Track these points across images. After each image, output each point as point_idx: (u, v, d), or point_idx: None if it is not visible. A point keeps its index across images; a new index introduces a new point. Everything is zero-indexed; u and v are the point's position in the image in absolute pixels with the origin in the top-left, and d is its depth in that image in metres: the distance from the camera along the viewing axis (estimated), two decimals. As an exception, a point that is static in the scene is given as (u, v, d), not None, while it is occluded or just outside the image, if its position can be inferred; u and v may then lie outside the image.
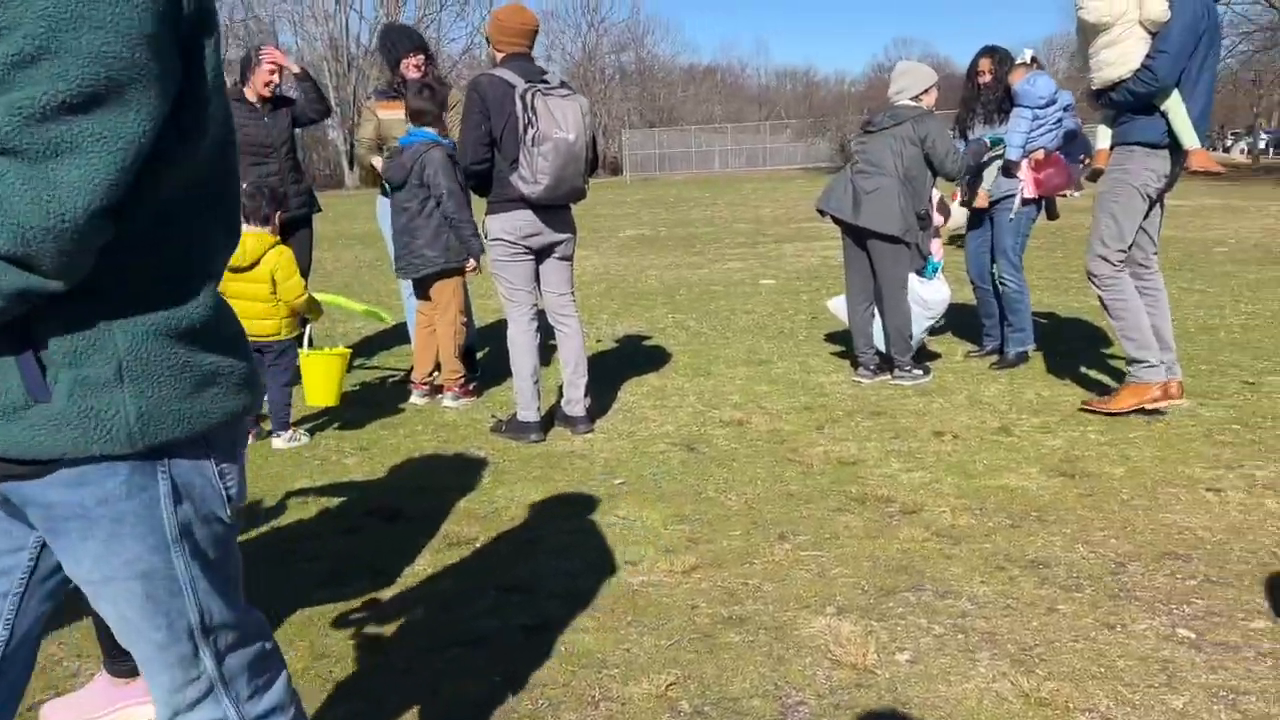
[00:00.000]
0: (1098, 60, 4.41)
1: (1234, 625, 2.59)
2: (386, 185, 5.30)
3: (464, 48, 68.56)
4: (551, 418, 4.71)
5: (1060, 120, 5.43)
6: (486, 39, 4.52)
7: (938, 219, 5.65)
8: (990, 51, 5.65)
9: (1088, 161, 5.22)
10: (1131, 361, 4.59)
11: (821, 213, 5.41)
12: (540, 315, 4.56)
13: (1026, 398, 4.96)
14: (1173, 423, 4.40)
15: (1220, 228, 13.42)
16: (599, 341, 6.77)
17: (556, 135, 4.06)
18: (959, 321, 6.71)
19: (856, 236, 5.30)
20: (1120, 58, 4.32)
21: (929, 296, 5.39)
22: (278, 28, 58.49)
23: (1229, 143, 49.64)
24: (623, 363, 6.07)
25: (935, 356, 5.92)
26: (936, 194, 5.55)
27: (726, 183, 37.26)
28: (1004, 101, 5.56)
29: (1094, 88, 4.53)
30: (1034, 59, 5.60)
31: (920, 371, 5.37)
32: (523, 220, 4.29)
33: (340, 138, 55.98)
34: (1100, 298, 4.62)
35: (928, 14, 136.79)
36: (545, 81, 4.25)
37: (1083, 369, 5.47)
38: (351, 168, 55.74)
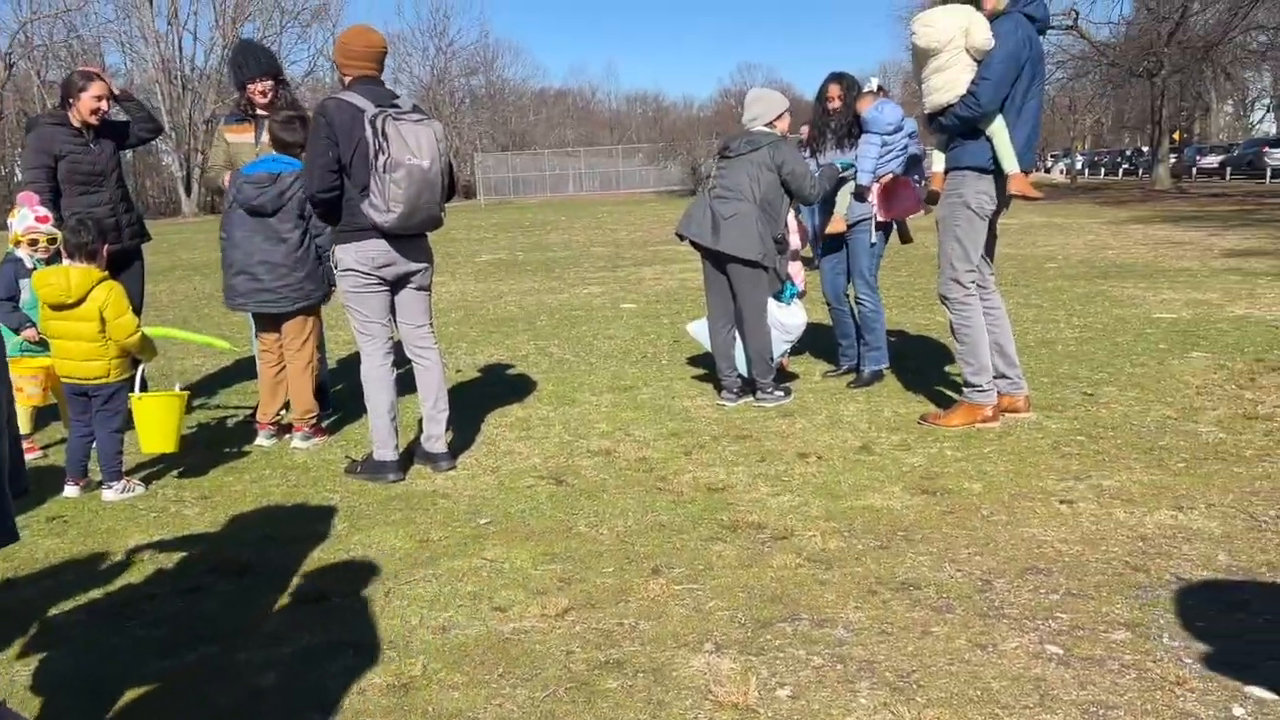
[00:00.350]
0: (928, 85, 4.57)
1: (1097, 638, 2.66)
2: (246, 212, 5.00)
3: (306, 70, 67.06)
4: (411, 455, 4.51)
5: (906, 146, 5.61)
6: (333, 63, 4.33)
7: (794, 242, 5.73)
8: (838, 78, 5.78)
9: (924, 184, 5.42)
10: (968, 384, 4.74)
11: (681, 237, 5.41)
12: (397, 348, 4.37)
13: (885, 416, 5.06)
14: (1022, 436, 4.56)
15: (1048, 244, 14.22)
16: (459, 372, 6.58)
17: (410, 162, 3.91)
18: (815, 342, 6.82)
19: (716, 261, 5.31)
20: (948, 84, 4.48)
21: (786, 321, 5.44)
22: (104, 49, 55.67)
23: (1049, 164, 52.99)
24: (485, 394, 5.90)
25: (794, 377, 6.00)
26: (793, 219, 5.64)
27: (582, 206, 37.40)
28: (853, 127, 5.70)
29: (926, 112, 4.68)
30: (880, 87, 5.77)
31: (781, 393, 5.42)
32: (376, 250, 4.10)
33: (176, 163, 53.56)
34: (950, 321, 4.76)
35: (769, 41, 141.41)
36: (396, 106, 4.09)
37: (934, 385, 5.63)
38: (189, 194, 53.52)
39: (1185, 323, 7.29)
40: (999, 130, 4.47)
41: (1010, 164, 4.50)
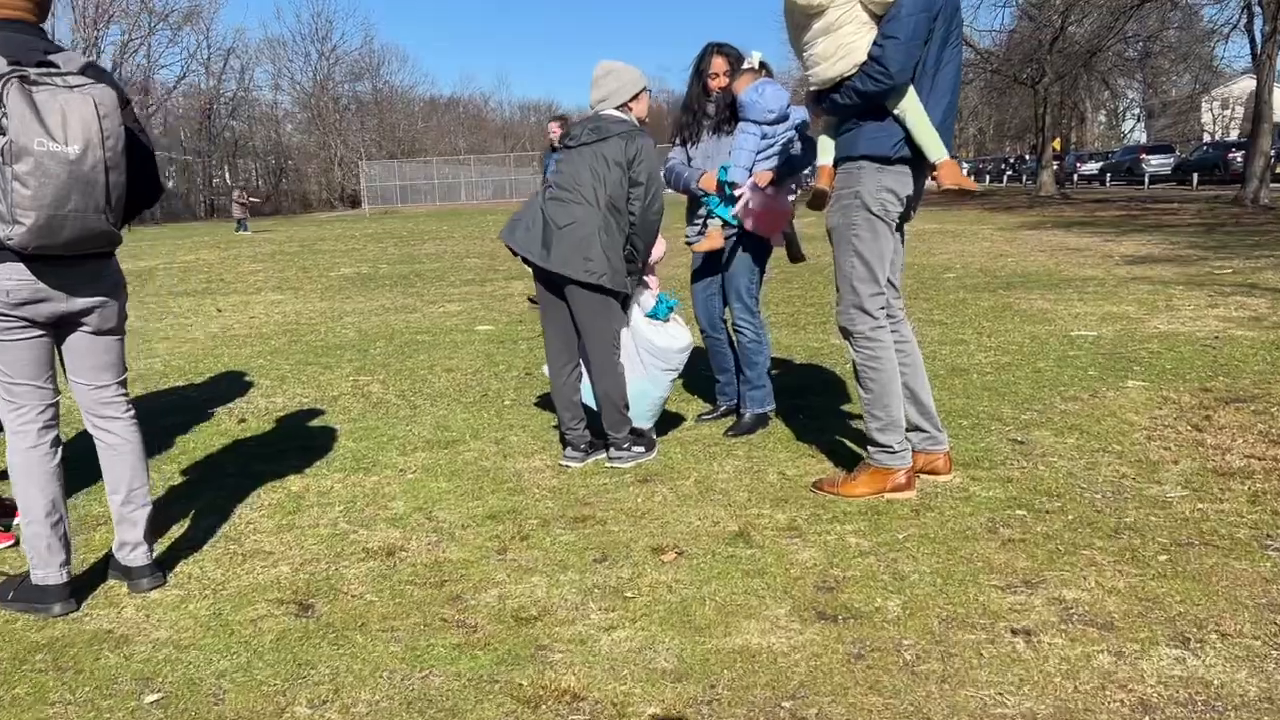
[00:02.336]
0: (812, 54, 3.46)
1: None
2: None
3: (180, 75, 63.68)
4: (105, 569, 3.17)
5: (791, 141, 4.49)
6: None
7: (657, 253, 4.55)
8: (721, 49, 4.61)
9: (800, 191, 4.27)
10: (874, 443, 3.65)
11: (513, 251, 4.19)
12: (95, 416, 3.04)
13: (769, 479, 3.92)
14: (947, 511, 3.46)
15: (944, 252, 13.46)
16: (242, 423, 5.21)
17: (42, 148, 2.57)
18: (690, 376, 5.68)
19: (551, 282, 4.11)
20: (841, 49, 3.37)
21: (664, 344, 4.25)
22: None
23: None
24: (258, 455, 4.56)
25: (661, 421, 4.83)
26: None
27: (470, 215, 35.87)
28: (731, 111, 4.55)
29: (811, 88, 3.58)
30: (763, 64, 4.62)
31: (641, 448, 4.24)
32: (11, 280, 2.75)
33: None
34: (853, 361, 3.65)
35: (662, 50, 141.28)
36: (49, 65, 2.75)
37: (832, 433, 4.52)
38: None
39: (1109, 342, 6.39)
40: (912, 105, 3.39)
41: (937, 149, 3.42)
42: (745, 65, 4.55)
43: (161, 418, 5.31)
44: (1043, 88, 33.57)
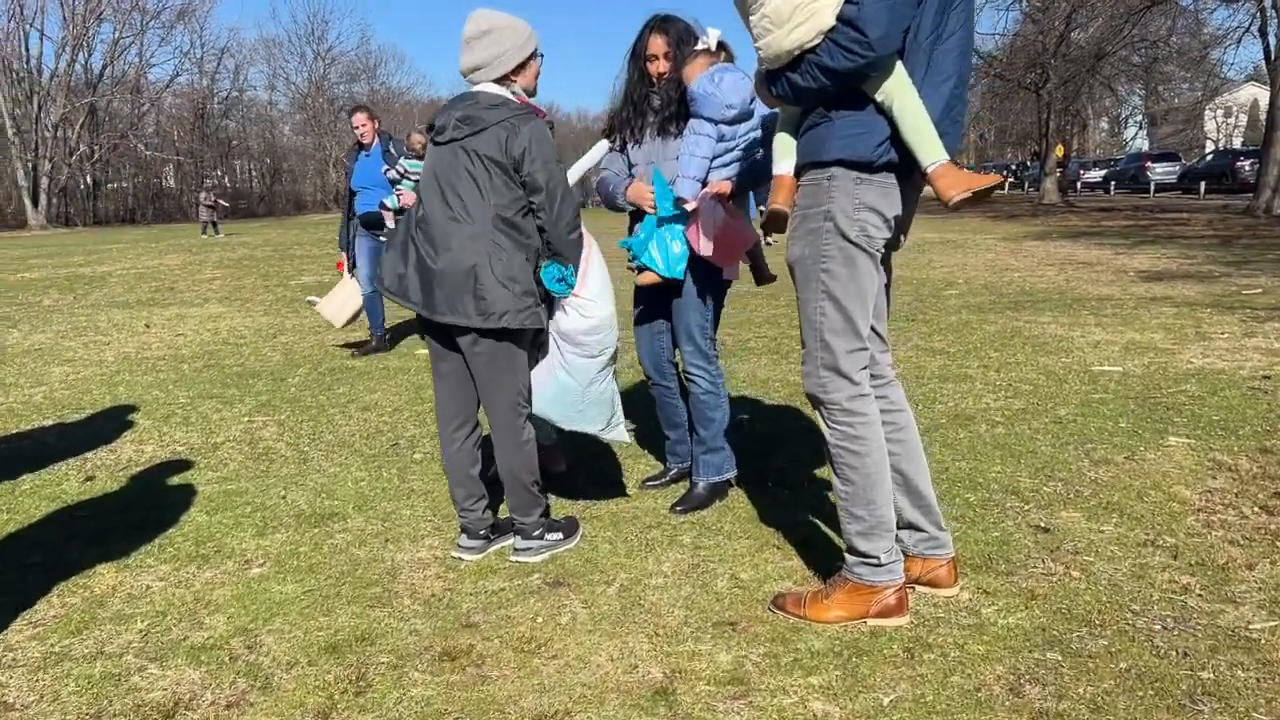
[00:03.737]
0: (762, 17, 2.52)
1: None
2: None
3: (172, 74, 62.75)
4: None
5: (755, 145, 3.55)
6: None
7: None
8: (664, 25, 3.65)
9: (762, 209, 3.29)
10: (854, 550, 2.71)
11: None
12: None
13: (716, 587, 2.97)
14: (950, 651, 2.52)
15: (944, 265, 12.54)
16: (89, 480, 4.24)
17: None
18: (638, 424, 4.73)
19: (438, 327, 3.15)
20: (798, 9, 2.43)
21: (569, 327, 3.21)
22: (-63, 44, 50.82)
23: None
24: (81, 531, 3.60)
25: (597, 483, 3.88)
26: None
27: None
28: (683, 104, 3.60)
29: (764, 68, 2.64)
30: (722, 45, 3.66)
31: (558, 534, 3.29)
32: None
33: (21, 171, 48.90)
34: (827, 441, 2.71)
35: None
36: None
37: (807, 512, 3.58)
38: (35, 204, 48.82)
39: (1138, 381, 5.44)
40: (900, 89, 2.46)
41: (932, 148, 2.49)
42: (699, 46, 3.60)
43: (-4, 472, 4.37)
44: (1046, 93, 32.68)
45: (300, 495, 3.99)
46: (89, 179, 54.97)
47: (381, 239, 7.06)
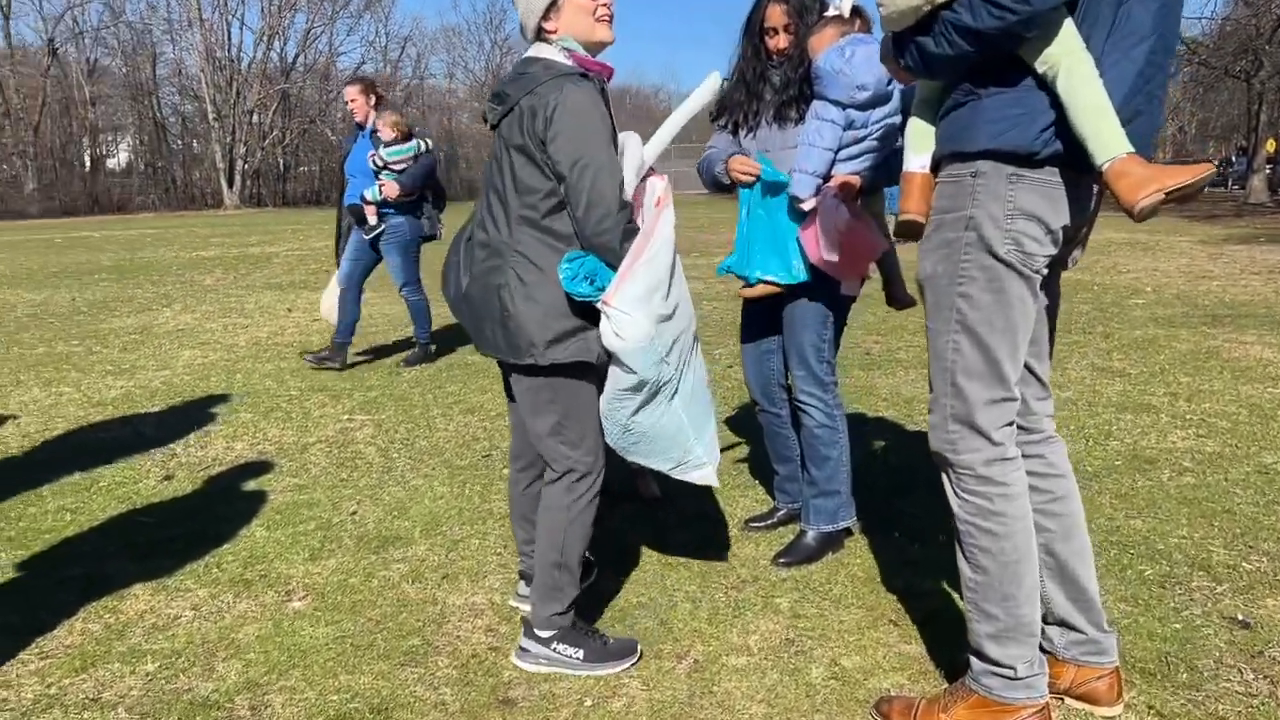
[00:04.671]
0: None
1: None
2: None
3: (358, 62, 65.56)
4: None
5: (892, 134, 2.94)
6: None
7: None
8: None
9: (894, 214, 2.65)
10: (980, 654, 2.11)
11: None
12: None
13: (810, 678, 2.41)
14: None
15: (1132, 270, 11.32)
16: (167, 479, 4.04)
17: None
18: (746, 455, 4.19)
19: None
20: None
21: (607, 343, 2.36)
22: (152, 35, 54.68)
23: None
24: (136, 542, 3.36)
25: (694, 519, 3.37)
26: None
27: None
28: (806, 85, 3.04)
29: (888, 30, 2.05)
30: (858, 12, 3.07)
31: (574, 652, 2.49)
32: None
33: (219, 154, 52.16)
34: (955, 515, 2.12)
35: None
36: None
37: (941, 576, 2.96)
38: (231, 186, 51.96)
39: (1370, 425, 4.50)
40: (1070, 59, 1.84)
41: (1107, 139, 1.85)
42: (830, 12, 3.02)
43: (83, 462, 4.24)
44: (1258, 82, 29.76)
45: (370, 512, 3.66)
46: (280, 162, 58.06)
47: (365, 237, 6.28)
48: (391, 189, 6.05)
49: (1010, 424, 2.06)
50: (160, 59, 55.61)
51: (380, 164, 6.10)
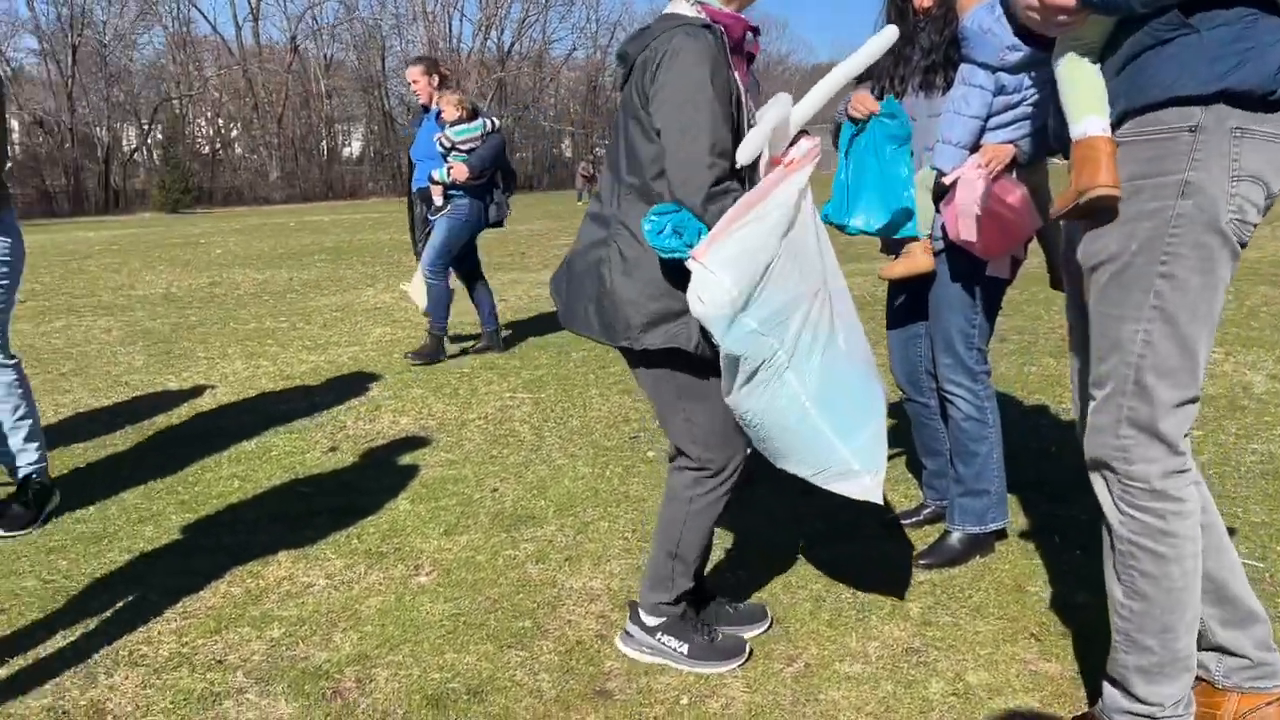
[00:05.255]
0: None
1: None
2: None
3: (569, 49, 67.28)
4: None
5: (1041, 97, 2.64)
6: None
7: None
8: None
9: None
10: (1121, 688, 1.87)
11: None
12: None
13: (926, 693, 2.21)
14: None
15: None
16: (332, 451, 4.24)
17: None
18: (895, 434, 3.93)
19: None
20: None
21: (700, 310, 2.06)
22: (381, 29, 58.12)
23: None
24: (293, 510, 3.53)
25: (832, 512, 3.19)
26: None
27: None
28: (951, 48, 2.79)
29: None
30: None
31: (679, 645, 2.38)
32: None
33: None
34: (1112, 531, 1.88)
35: None
36: None
37: (1099, 589, 2.67)
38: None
39: None
40: None
41: None
42: (982, -35, 2.74)
43: (262, 432, 4.51)
44: None
45: (511, 490, 3.69)
46: (495, 148, 60.45)
47: (432, 218, 6.05)
48: (460, 171, 5.80)
49: (1188, 435, 1.80)
50: (388, 51, 59.03)
51: (448, 145, 5.85)
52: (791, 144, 2.20)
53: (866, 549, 3.01)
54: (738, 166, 2.11)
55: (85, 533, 3.35)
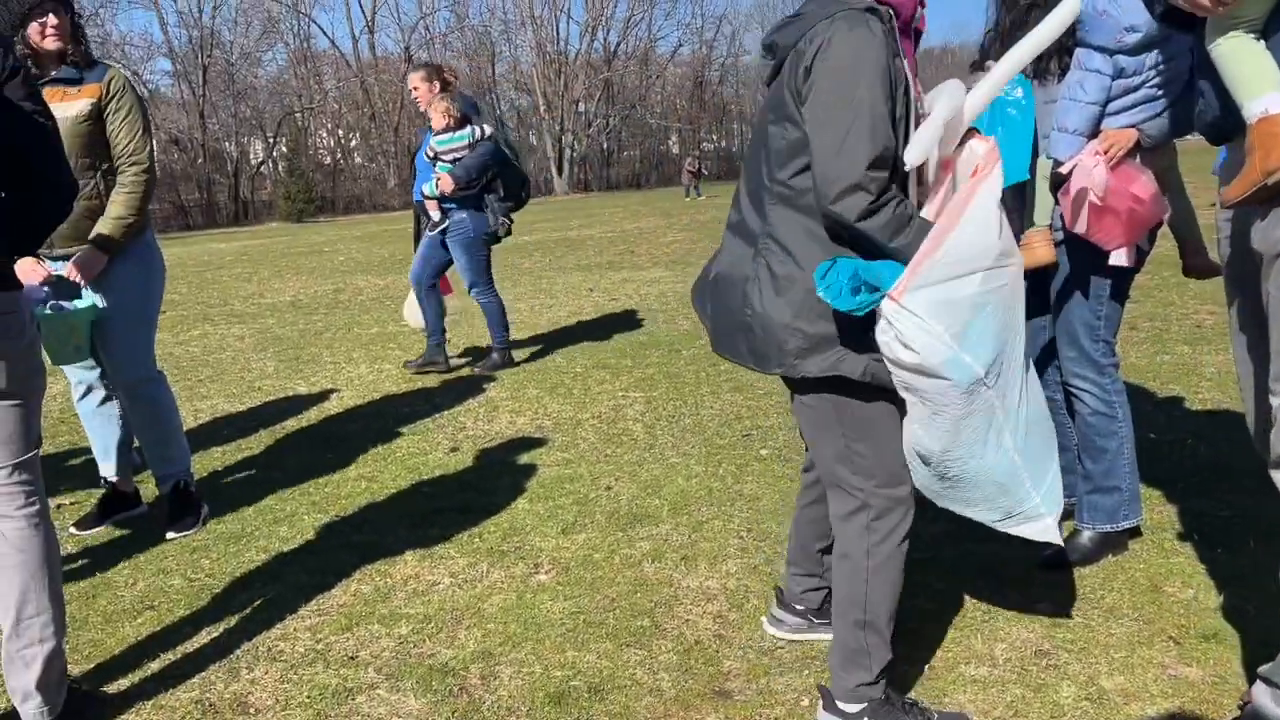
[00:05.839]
0: None
1: None
2: None
3: (675, 46, 67.25)
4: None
5: (1173, 81, 2.51)
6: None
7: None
8: None
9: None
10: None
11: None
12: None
13: (1057, 698, 2.14)
14: None
15: None
16: (453, 451, 4.35)
17: None
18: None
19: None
20: None
21: (890, 355, 1.88)
22: (491, 34, 59.21)
23: None
24: (418, 508, 3.64)
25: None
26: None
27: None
28: (1067, 34, 2.68)
29: None
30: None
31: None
32: None
33: (550, 143, 55.83)
34: None
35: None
36: None
37: (1246, 590, 2.54)
38: (560, 174, 55.45)
39: None
40: None
41: None
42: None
43: (387, 434, 4.67)
44: None
45: (625, 489, 3.72)
46: (604, 148, 61.00)
47: (429, 234, 5.84)
48: (446, 182, 5.54)
49: None
50: (498, 58, 60.12)
51: (431, 155, 5.66)
52: (961, 143, 1.99)
53: (991, 549, 2.92)
54: (905, 168, 1.91)
55: (225, 533, 3.52)
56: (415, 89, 5.80)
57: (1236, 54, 1.74)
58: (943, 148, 1.93)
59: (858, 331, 1.89)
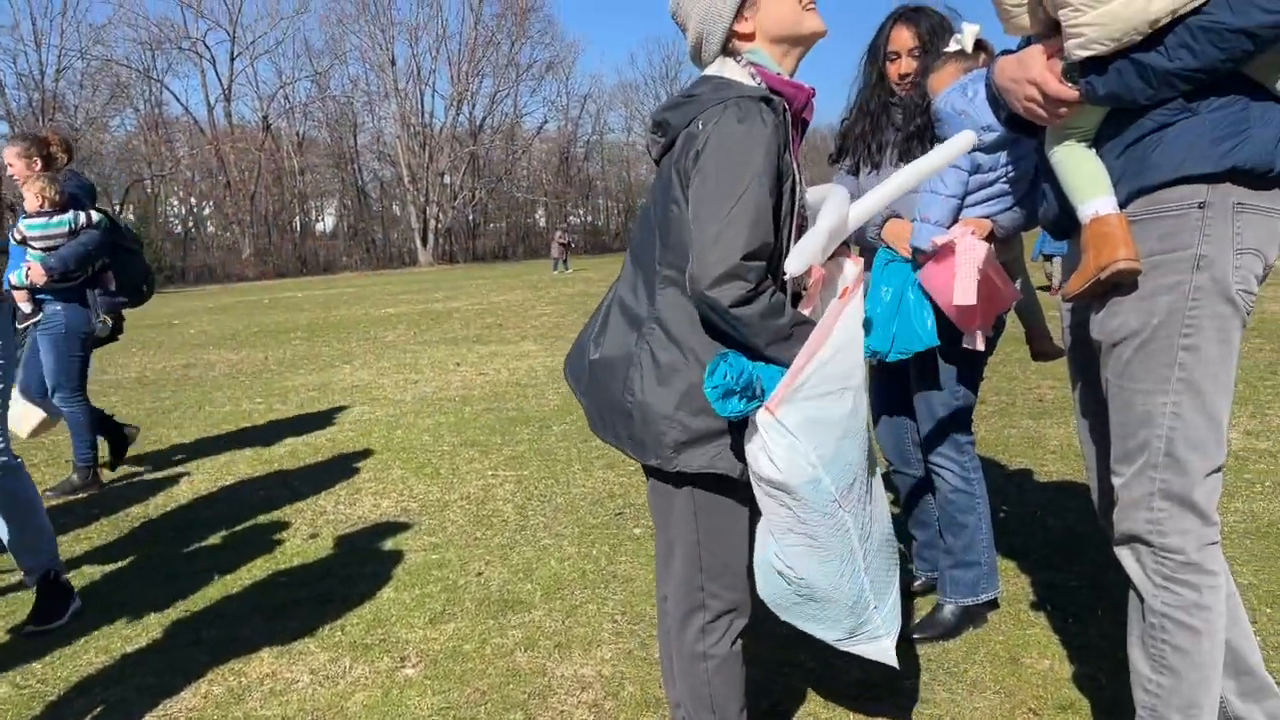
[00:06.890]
0: None
1: None
2: None
3: (540, 122, 68.20)
4: None
5: (1021, 177, 2.69)
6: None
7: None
8: (913, 16, 2.90)
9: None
10: None
11: None
12: None
13: (932, 775, 2.17)
14: None
15: (1359, 299, 10.15)
16: (313, 538, 4.16)
17: None
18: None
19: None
20: None
21: (763, 472, 1.86)
22: (354, 107, 58.60)
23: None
24: (270, 601, 3.45)
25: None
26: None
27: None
28: (926, 125, 2.85)
29: (1078, 54, 1.80)
30: (981, 45, 2.85)
31: None
32: None
33: (413, 215, 55.39)
34: (1144, 604, 1.88)
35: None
36: None
37: (1101, 659, 2.65)
38: (424, 244, 55.03)
39: None
40: None
41: None
42: (950, 48, 2.82)
43: (239, 521, 4.44)
44: None
45: (497, 573, 3.63)
46: (469, 220, 60.92)
47: (20, 325, 4.86)
48: (37, 272, 4.73)
49: (1217, 502, 1.83)
50: (360, 129, 59.57)
51: (18, 238, 4.81)
52: (832, 256, 1.99)
53: (859, 624, 2.97)
54: (785, 278, 1.90)
55: (61, 632, 3.26)
56: (11, 166, 4.93)
57: (1071, 160, 1.88)
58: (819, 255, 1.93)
59: (738, 429, 1.88)
